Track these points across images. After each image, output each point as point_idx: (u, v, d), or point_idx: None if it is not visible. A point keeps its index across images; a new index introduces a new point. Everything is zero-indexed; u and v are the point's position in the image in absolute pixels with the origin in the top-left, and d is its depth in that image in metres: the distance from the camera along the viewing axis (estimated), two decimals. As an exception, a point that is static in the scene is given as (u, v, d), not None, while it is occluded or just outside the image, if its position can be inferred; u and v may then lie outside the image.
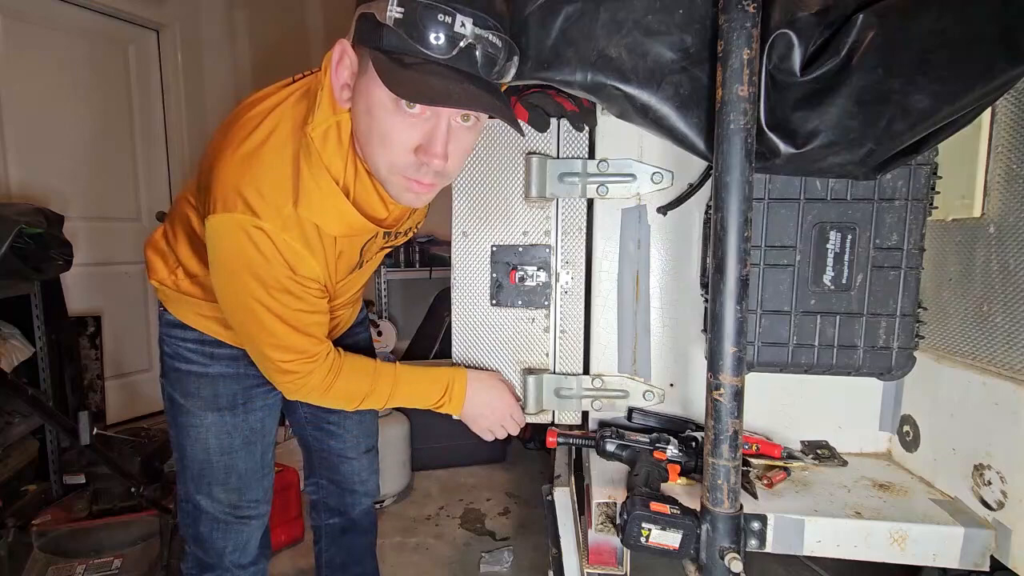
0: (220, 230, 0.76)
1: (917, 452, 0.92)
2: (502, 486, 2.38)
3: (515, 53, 0.73)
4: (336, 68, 0.73)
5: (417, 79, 0.65)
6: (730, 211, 0.67)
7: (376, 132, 0.72)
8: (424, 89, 0.65)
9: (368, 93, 0.70)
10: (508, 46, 0.71)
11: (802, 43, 0.70)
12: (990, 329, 0.78)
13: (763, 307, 0.89)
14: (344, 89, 0.74)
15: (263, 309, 0.79)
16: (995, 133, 0.77)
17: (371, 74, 0.68)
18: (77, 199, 2.70)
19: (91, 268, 2.75)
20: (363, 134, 0.75)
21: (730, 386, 0.68)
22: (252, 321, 0.81)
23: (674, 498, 0.77)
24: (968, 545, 0.76)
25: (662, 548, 0.73)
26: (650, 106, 0.78)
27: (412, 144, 0.71)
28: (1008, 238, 0.75)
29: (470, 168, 1.02)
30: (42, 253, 1.83)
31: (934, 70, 0.68)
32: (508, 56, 0.71)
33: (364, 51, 0.69)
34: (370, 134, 0.73)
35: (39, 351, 2.04)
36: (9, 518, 1.78)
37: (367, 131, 0.73)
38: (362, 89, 0.71)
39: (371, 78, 0.68)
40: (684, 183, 0.95)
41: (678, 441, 0.90)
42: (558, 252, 1.02)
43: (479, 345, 1.05)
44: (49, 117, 2.61)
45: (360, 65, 0.71)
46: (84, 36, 2.73)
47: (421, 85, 0.65)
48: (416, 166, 0.73)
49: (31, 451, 2.01)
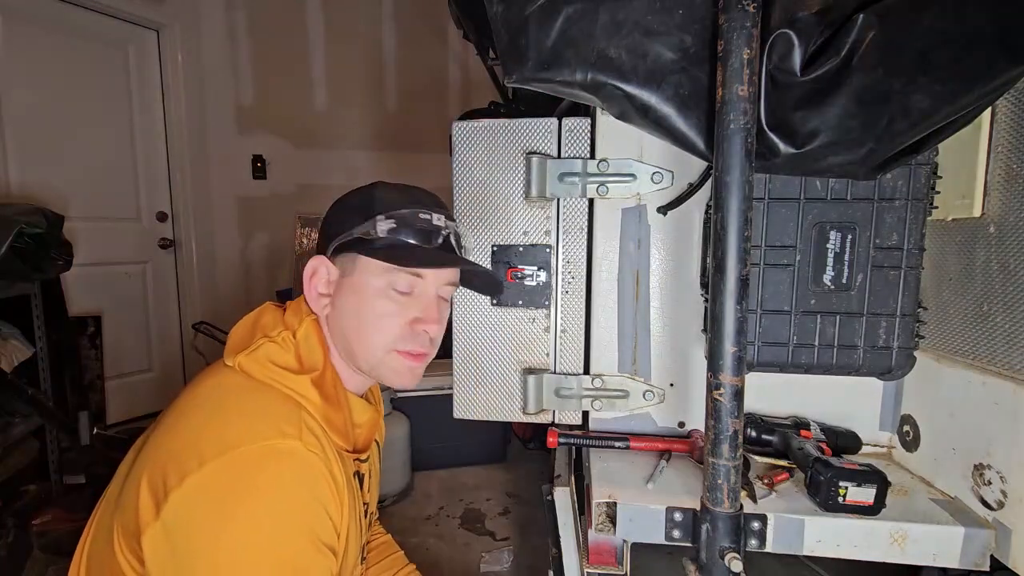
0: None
1: (917, 452, 0.92)
2: (502, 486, 2.38)
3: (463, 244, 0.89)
4: (310, 281, 0.79)
5: (421, 257, 0.77)
6: (730, 211, 0.67)
7: (371, 317, 0.77)
8: (427, 260, 0.78)
9: (359, 287, 0.77)
10: (461, 238, 0.88)
11: (802, 43, 0.70)
12: (990, 329, 0.78)
13: (763, 307, 0.89)
14: (320, 298, 0.79)
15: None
16: (995, 133, 0.77)
17: (361, 269, 0.77)
18: (77, 199, 2.70)
19: (91, 268, 2.75)
20: (353, 327, 0.78)
21: (730, 386, 0.68)
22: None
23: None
24: (968, 545, 0.76)
25: (858, 506, 0.77)
26: (650, 106, 0.78)
27: (408, 318, 0.79)
28: (1008, 238, 0.75)
29: (470, 168, 1.02)
30: (42, 253, 1.83)
31: (934, 70, 0.68)
32: (462, 243, 0.88)
33: (350, 256, 0.78)
34: (363, 322, 0.77)
35: (39, 351, 2.03)
36: (9, 518, 1.78)
37: (358, 322, 0.77)
38: (349, 286, 0.78)
39: (362, 273, 0.77)
40: (684, 183, 0.95)
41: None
42: (558, 252, 1.02)
43: (479, 345, 1.05)
44: (49, 117, 2.61)
45: (344, 270, 0.78)
46: (84, 36, 2.73)
47: (424, 259, 0.78)
48: (413, 336, 0.79)
49: (31, 451, 2.01)
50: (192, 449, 0.64)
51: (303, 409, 0.70)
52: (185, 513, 0.61)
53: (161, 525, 0.61)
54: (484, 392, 1.07)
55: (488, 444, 2.58)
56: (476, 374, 1.07)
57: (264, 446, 0.64)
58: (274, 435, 0.65)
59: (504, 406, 1.06)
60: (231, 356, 0.73)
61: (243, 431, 0.65)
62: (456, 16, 1.86)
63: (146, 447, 0.70)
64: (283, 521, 0.63)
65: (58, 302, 2.22)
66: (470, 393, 1.07)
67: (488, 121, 1.01)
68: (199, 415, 0.69)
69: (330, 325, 0.80)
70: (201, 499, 0.61)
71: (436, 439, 2.44)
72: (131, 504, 0.64)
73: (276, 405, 0.69)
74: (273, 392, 0.71)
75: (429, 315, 0.80)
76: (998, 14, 0.66)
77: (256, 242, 3.58)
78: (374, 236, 0.75)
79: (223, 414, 0.68)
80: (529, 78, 0.82)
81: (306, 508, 0.65)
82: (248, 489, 0.62)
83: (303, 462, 0.66)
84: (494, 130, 1.00)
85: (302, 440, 0.66)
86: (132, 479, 0.67)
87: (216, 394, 0.71)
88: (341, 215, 0.80)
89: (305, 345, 0.76)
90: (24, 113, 2.52)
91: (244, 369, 0.72)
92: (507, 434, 2.72)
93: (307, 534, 0.64)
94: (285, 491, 0.64)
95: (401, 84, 3.79)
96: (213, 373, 0.75)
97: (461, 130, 1.02)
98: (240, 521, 0.61)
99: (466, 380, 1.07)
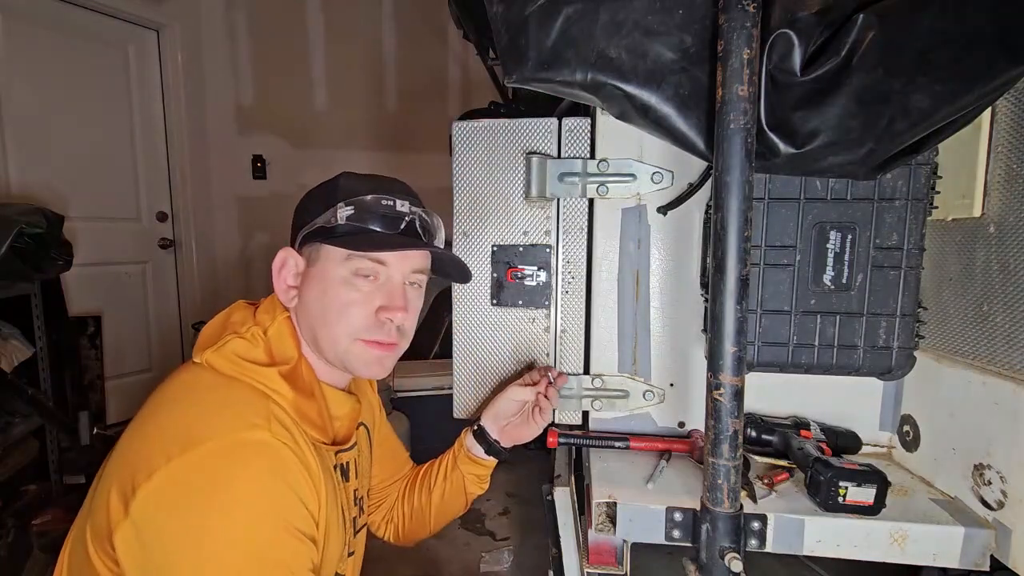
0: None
1: (917, 452, 0.92)
2: (502, 486, 2.38)
3: (440, 228, 0.85)
4: (279, 273, 0.78)
5: (379, 241, 0.76)
6: (730, 211, 0.67)
7: (335, 306, 0.76)
8: (386, 245, 0.76)
9: (322, 276, 0.76)
10: (437, 220, 0.84)
11: (802, 43, 0.70)
12: (990, 329, 0.78)
13: (763, 307, 0.89)
14: (289, 290, 0.78)
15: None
16: (995, 133, 0.77)
17: (324, 258, 0.76)
18: (77, 199, 2.70)
19: (91, 268, 2.75)
20: (317, 317, 0.77)
21: (730, 386, 0.68)
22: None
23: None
24: (968, 545, 0.76)
25: (858, 506, 0.77)
26: (650, 106, 0.78)
27: (373, 307, 0.77)
28: (1008, 238, 0.75)
29: (470, 168, 1.02)
30: (42, 253, 1.83)
31: (934, 70, 0.68)
32: (437, 229, 0.84)
33: (314, 245, 0.77)
34: (327, 311, 0.76)
35: (39, 351, 2.04)
36: (9, 518, 1.78)
37: (322, 311, 0.76)
38: (314, 275, 0.77)
39: (325, 261, 0.76)
40: (684, 183, 0.95)
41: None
42: (559, 252, 1.02)
43: (479, 345, 1.05)
44: (49, 117, 2.61)
45: (309, 260, 0.78)
46: (84, 36, 2.73)
47: (383, 243, 0.76)
48: (378, 326, 0.77)
49: (31, 451, 2.01)
50: (158, 445, 0.63)
51: (271, 401, 0.70)
52: (154, 509, 0.60)
53: (131, 523, 0.60)
54: (484, 392, 1.07)
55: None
56: (476, 374, 1.07)
57: (233, 439, 0.63)
58: (243, 427, 0.64)
59: (504, 406, 1.06)
60: (199, 353, 0.73)
61: (211, 425, 0.64)
62: (456, 16, 1.86)
63: (115, 450, 0.69)
64: (257, 512, 0.62)
65: (58, 302, 2.22)
66: (470, 393, 1.08)
67: (488, 121, 1.01)
68: (167, 412, 0.68)
69: (298, 316, 0.79)
70: (170, 493, 0.60)
71: (436, 439, 2.43)
72: (102, 506, 0.64)
73: (243, 397, 0.69)
74: (241, 385, 0.70)
75: (394, 303, 0.77)
76: (998, 14, 0.66)
77: (256, 242, 3.58)
78: (335, 224, 0.74)
79: (190, 409, 0.67)
80: (529, 78, 0.82)
81: (281, 498, 0.64)
82: (219, 482, 0.61)
83: (273, 453, 0.65)
84: (494, 130, 1.00)
85: (271, 430, 0.65)
86: (103, 483, 0.67)
87: (183, 391, 0.71)
88: (307, 205, 0.79)
89: (277, 340, 0.75)
90: (24, 113, 2.52)
91: (211, 364, 0.71)
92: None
93: (282, 524, 0.64)
94: (257, 482, 0.63)
95: (401, 84, 3.80)
96: (182, 371, 0.74)
97: (461, 130, 1.02)
98: (213, 515, 0.60)
99: (466, 380, 1.07)
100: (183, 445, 0.62)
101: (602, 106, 0.82)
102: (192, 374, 0.73)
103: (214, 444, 0.62)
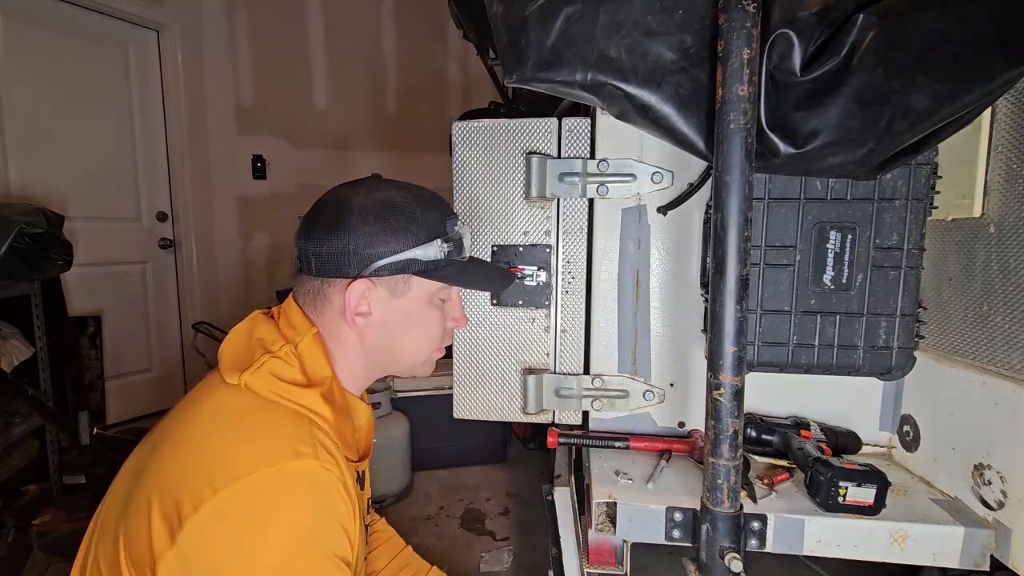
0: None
1: (917, 452, 0.92)
2: (502, 486, 2.38)
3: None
4: (357, 304, 0.76)
5: (474, 275, 0.85)
6: (730, 211, 0.67)
7: (423, 332, 0.82)
8: (497, 284, 0.95)
9: (411, 307, 0.79)
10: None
11: (802, 43, 0.70)
12: (990, 329, 0.78)
13: (763, 307, 0.89)
14: (360, 316, 0.77)
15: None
16: (995, 133, 0.77)
17: (417, 289, 0.79)
18: (77, 199, 2.70)
19: (91, 268, 2.75)
20: (397, 341, 0.80)
21: (730, 386, 0.68)
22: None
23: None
24: (968, 545, 0.76)
25: (859, 506, 0.78)
26: (650, 106, 0.78)
27: (447, 322, 0.85)
28: (1008, 238, 0.75)
29: (470, 168, 1.02)
30: (42, 253, 1.83)
31: (934, 70, 0.68)
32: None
33: (402, 277, 0.78)
34: (414, 337, 0.81)
35: (39, 351, 2.04)
36: (9, 518, 1.78)
37: (404, 335, 0.80)
38: (399, 306, 0.79)
39: (418, 292, 0.79)
40: (684, 183, 0.95)
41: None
42: (558, 252, 1.02)
43: (480, 344, 1.05)
44: (49, 117, 2.61)
45: (393, 291, 0.78)
46: (84, 36, 2.73)
47: (494, 281, 0.93)
48: (448, 336, 0.87)
49: (31, 451, 2.01)
50: (204, 475, 0.62)
51: (315, 425, 0.69)
52: (202, 541, 0.60)
53: (177, 553, 0.60)
54: (484, 392, 1.07)
55: (488, 444, 2.58)
56: (476, 374, 1.07)
57: (279, 469, 0.63)
58: (289, 456, 0.64)
59: (504, 406, 1.07)
60: (231, 374, 0.71)
61: (257, 454, 0.64)
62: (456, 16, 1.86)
63: (150, 470, 0.68)
64: (303, 542, 0.63)
65: (58, 302, 2.22)
66: (470, 393, 1.08)
67: (488, 121, 1.01)
68: (207, 438, 0.67)
69: (364, 341, 0.79)
70: (219, 526, 0.60)
71: (436, 439, 2.44)
72: (141, 533, 0.63)
73: (287, 424, 0.68)
74: (282, 410, 0.69)
75: (463, 315, 0.87)
76: (998, 14, 0.66)
77: (256, 242, 3.58)
78: (433, 258, 0.77)
79: (233, 437, 0.67)
80: (529, 78, 0.82)
81: (325, 528, 0.65)
82: (267, 513, 0.61)
83: (320, 481, 0.65)
84: (494, 130, 1.00)
85: (319, 459, 0.65)
86: (138, 504, 0.65)
87: (224, 415, 0.69)
88: (374, 234, 0.75)
89: (310, 358, 0.74)
90: (24, 113, 2.52)
91: (249, 387, 0.70)
92: (507, 434, 2.72)
93: (327, 553, 0.64)
94: (304, 513, 0.63)
95: (401, 84, 3.80)
96: (213, 390, 0.72)
97: (461, 130, 1.02)
98: (260, 545, 0.61)
99: (466, 380, 1.07)
100: (230, 475, 0.61)
101: (602, 106, 0.82)
102: (228, 396, 0.71)
103: (261, 475, 0.62)
